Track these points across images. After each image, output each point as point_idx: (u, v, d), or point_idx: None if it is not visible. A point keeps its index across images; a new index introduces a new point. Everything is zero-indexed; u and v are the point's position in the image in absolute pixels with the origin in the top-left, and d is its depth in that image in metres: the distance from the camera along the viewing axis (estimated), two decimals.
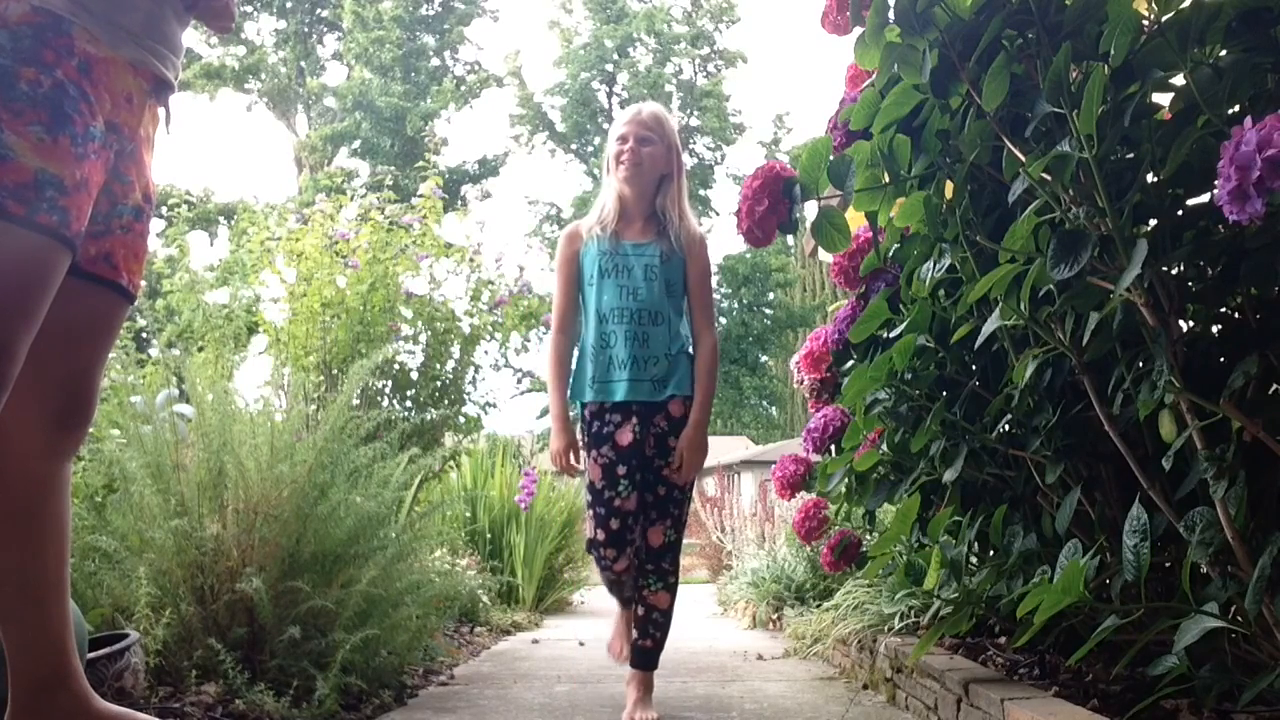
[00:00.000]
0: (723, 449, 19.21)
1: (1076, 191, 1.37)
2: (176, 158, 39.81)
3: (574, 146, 26.70)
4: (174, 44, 1.20)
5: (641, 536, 2.33)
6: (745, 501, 8.12)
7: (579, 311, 2.47)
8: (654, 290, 2.35)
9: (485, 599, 4.47)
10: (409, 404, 4.63)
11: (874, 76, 1.82)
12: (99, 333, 1.34)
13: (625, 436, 2.29)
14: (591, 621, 5.15)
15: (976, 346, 1.71)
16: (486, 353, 5.02)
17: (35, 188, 0.98)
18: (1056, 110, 1.35)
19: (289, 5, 25.76)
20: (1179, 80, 1.32)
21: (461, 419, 4.86)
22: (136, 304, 1.43)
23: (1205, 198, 1.38)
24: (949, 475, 1.86)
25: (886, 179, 1.69)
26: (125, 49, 1.07)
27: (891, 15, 1.63)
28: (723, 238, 31.92)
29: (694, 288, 2.43)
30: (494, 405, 5.34)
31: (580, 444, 2.36)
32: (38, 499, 1.34)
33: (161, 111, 1.28)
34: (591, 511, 2.31)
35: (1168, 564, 1.66)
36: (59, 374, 1.30)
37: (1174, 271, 1.44)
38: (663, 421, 2.34)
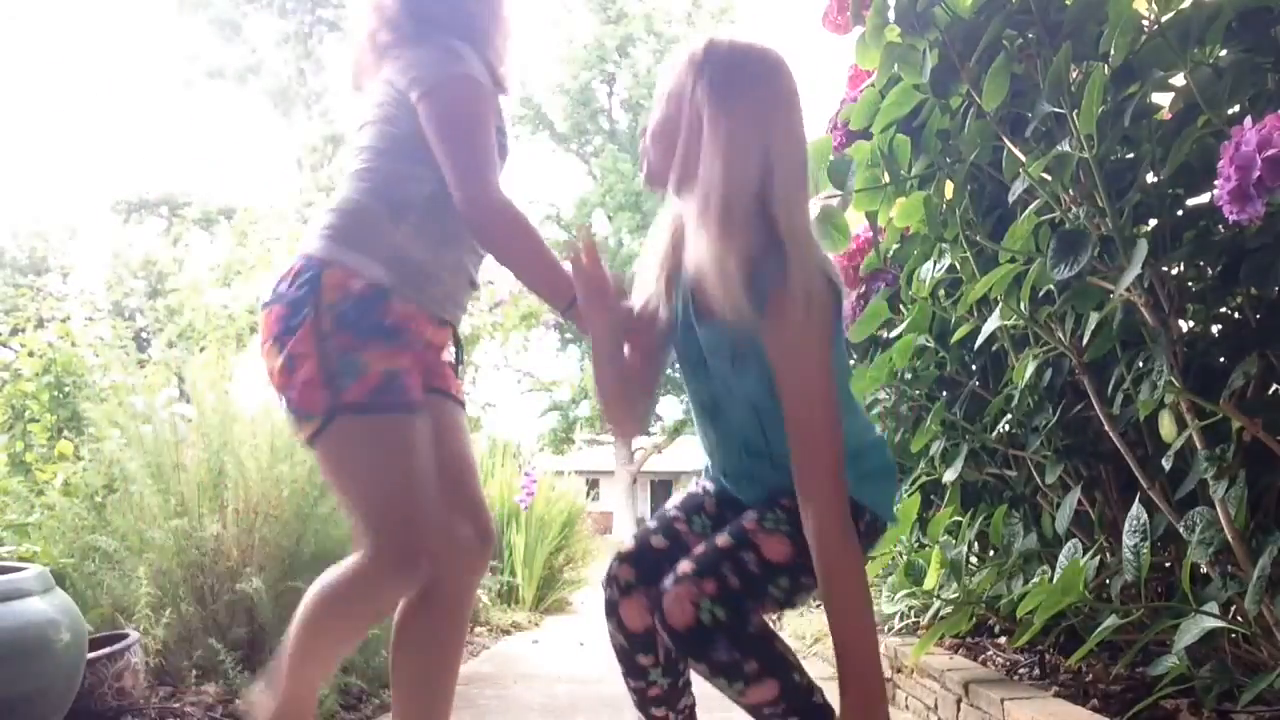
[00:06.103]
0: None
1: (1076, 191, 1.37)
2: (176, 158, 39.81)
3: (574, 146, 26.66)
4: (464, 304, 1.61)
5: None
6: None
7: None
8: None
9: (485, 599, 4.46)
10: None
11: (874, 76, 1.82)
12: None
13: None
14: (592, 622, 5.14)
15: (976, 346, 1.71)
16: (486, 353, 5.02)
17: (387, 381, 1.39)
18: (1056, 110, 1.35)
19: (289, 5, 25.77)
20: (1179, 80, 1.32)
21: None
22: (137, 305, 1.43)
23: (1205, 198, 1.38)
24: (949, 475, 1.86)
25: (886, 179, 1.69)
26: (430, 309, 1.48)
27: (891, 15, 1.63)
28: None
29: None
30: (493, 405, 5.33)
31: None
32: None
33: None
34: None
35: (1168, 564, 1.65)
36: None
37: (1174, 271, 1.44)
38: None
